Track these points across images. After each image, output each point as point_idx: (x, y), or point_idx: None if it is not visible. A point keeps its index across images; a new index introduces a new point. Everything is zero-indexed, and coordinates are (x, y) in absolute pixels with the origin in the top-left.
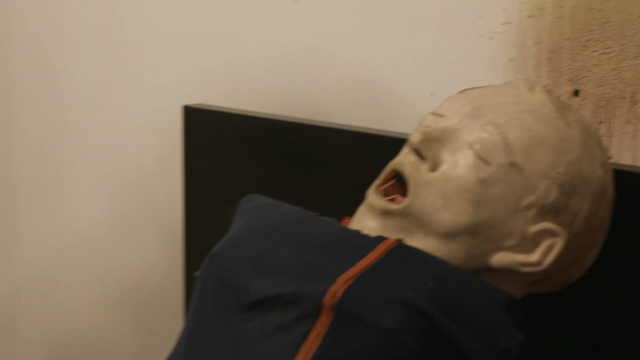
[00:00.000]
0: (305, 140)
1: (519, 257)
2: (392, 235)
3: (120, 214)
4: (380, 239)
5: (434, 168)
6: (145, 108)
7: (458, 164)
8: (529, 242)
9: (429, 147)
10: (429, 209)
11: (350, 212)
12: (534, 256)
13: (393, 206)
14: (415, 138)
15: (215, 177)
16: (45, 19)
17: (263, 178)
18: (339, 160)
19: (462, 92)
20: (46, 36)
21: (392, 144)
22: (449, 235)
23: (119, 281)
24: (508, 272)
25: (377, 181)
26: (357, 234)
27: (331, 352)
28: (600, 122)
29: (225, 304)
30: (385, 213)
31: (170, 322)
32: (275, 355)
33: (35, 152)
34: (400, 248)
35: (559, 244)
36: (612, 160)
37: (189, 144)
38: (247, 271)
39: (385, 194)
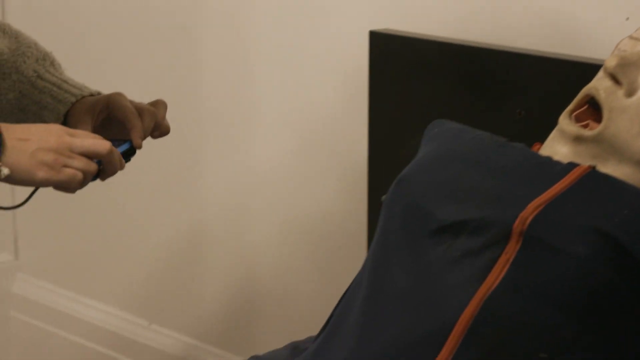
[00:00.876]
0: (495, 66)
1: None
2: (585, 162)
3: (306, 145)
4: (572, 166)
5: (630, 93)
6: (332, 34)
7: None
8: None
9: (626, 72)
10: (625, 135)
11: (537, 140)
12: None
13: (586, 132)
14: (611, 62)
15: (402, 104)
16: None
17: (450, 104)
18: (529, 87)
19: None
20: None
21: (584, 70)
22: None
23: (303, 214)
24: None
25: (570, 107)
26: (548, 160)
27: (520, 278)
28: None
29: (412, 228)
30: (578, 139)
31: (353, 258)
32: (464, 281)
33: (222, 89)
34: (593, 175)
35: None
36: None
37: (375, 70)
38: (435, 196)
39: (578, 119)
